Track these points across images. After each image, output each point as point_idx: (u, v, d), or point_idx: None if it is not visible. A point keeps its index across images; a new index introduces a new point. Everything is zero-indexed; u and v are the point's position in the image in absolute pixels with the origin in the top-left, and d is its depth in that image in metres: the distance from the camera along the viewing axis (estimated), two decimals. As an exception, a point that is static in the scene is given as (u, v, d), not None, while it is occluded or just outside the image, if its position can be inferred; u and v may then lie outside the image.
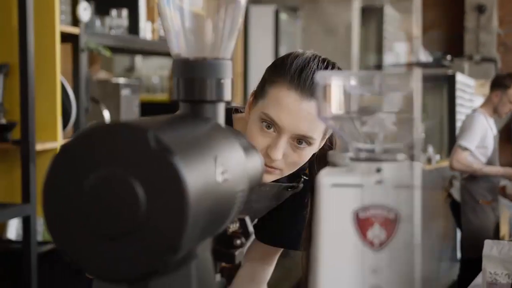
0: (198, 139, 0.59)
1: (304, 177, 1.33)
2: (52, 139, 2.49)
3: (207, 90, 0.66)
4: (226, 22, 0.66)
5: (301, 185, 1.32)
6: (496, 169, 4.06)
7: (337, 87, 0.61)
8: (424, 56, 6.74)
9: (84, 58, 2.68)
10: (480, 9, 7.21)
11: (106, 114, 2.90)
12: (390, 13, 6.54)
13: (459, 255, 4.62)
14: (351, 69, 5.60)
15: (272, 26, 4.87)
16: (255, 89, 1.22)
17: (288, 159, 1.16)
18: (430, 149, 5.07)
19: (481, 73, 6.94)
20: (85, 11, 2.61)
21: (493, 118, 4.11)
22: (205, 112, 0.66)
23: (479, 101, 5.41)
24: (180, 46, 0.67)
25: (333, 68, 1.17)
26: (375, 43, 6.52)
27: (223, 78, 0.66)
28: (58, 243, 0.55)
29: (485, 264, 1.62)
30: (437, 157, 5.08)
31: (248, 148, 0.71)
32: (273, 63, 1.21)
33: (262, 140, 1.15)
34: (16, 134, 2.36)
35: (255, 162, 0.72)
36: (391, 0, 6.57)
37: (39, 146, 2.38)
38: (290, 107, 1.12)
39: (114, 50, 3.22)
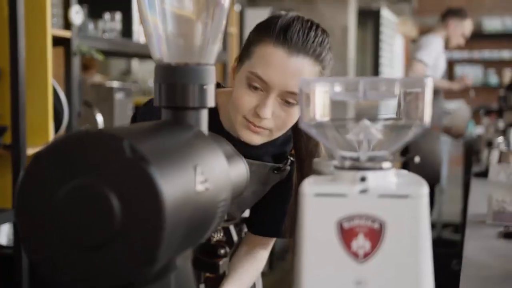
0: (178, 148, 0.57)
1: (291, 158, 1.31)
2: (44, 144, 2.47)
3: (189, 96, 0.64)
4: (209, 26, 0.65)
5: (288, 167, 1.31)
6: (448, 83, 4.18)
7: (320, 93, 0.59)
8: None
9: (76, 61, 2.65)
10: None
11: (99, 118, 2.88)
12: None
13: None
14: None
15: (268, 29, 4.85)
16: (238, 53, 1.21)
17: (277, 119, 1.15)
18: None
19: (396, 12, 6.91)
20: (77, 15, 2.59)
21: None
22: (187, 119, 0.64)
23: (398, 40, 5.27)
24: (162, 51, 0.65)
25: (317, 28, 1.17)
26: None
27: (206, 84, 0.65)
28: (31, 254, 0.53)
29: (492, 191, 1.45)
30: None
31: (232, 155, 0.69)
32: (257, 25, 1.21)
33: (250, 100, 1.14)
34: (7, 138, 2.34)
35: (239, 170, 0.70)
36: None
37: (30, 151, 2.35)
38: (277, 63, 1.12)
39: (108, 53, 3.20)
